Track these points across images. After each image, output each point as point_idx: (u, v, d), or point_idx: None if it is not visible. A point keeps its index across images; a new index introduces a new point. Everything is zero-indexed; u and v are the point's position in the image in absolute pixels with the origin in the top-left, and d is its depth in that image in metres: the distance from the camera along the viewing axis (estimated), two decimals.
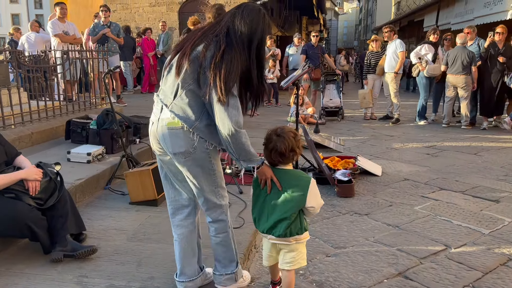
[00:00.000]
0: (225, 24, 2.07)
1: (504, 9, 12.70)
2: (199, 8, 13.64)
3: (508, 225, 3.51)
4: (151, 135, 2.22)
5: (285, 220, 2.16)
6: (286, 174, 2.23)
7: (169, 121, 2.09)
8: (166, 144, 2.13)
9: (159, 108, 2.16)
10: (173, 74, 2.08)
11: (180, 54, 2.07)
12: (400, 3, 35.56)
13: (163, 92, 2.15)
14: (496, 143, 6.55)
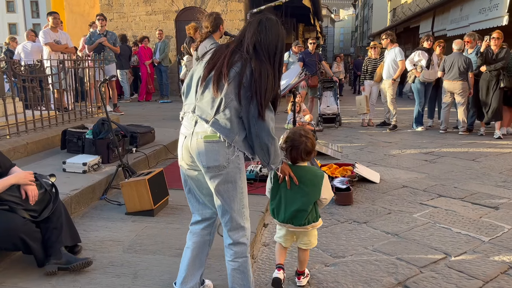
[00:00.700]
0: (251, 41, 2.14)
1: (500, 15, 12.77)
2: (196, 16, 13.66)
3: (508, 232, 3.48)
4: (183, 148, 2.25)
5: (304, 212, 2.51)
6: (303, 170, 2.53)
7: (205, 134, 2.13)
8: (200, 157, 2.16)
9: (192, 123, 2.19)
10: (212, 92, 2.13)
11: (216, 72, 2.13)
12: (396, 9, 35.83)
13: (199, 109, 2.18)
14: (493, 149, 6.54)
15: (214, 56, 2.20)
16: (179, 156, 2.31)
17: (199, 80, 2.20)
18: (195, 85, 2.23)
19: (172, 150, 5.84)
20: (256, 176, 4.62)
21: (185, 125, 2.25)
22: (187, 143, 2.21)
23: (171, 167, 5.20)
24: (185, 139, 2.23)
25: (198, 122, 2.16)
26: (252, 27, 2.17)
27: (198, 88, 2.20)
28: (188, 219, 3.63)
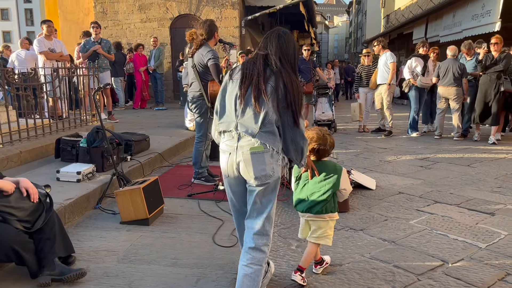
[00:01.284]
0: (276, 55, 2.31)
1: (492, 21, 12.88)
2: (190, 23, 13.69)
3: (505, 238, 3.47)
4: (228, 165, 2.36)
5: (323, 201, 2.75)
6: (324, 163, 2.83)
7: (251, 146, 2.27)
8: (248, 168, 2.29)
9: (235, 139, 2.32)
10: (253, 108, 2.27)
11: (255, 89, 2.27)
12: (389, 16, 36.07)
13: (242, 125, 2.31)
14: (488, 154, 6.56)
15: (247, 74, 2.32)
16: (224, 173, 2.43)
17: (236, 99, 2.32)
18: (232, 104, 2.34)
19: (167, 158, 5.82)
20: None
21: (227, 143, 2.37)
22: (232, 159, 2.33)
23: (166, 175, 5.18)
24: (230, 156, 2.35)
25: (242, 137, 2.30)
26: (274, 41, 2.33)
27: (238, 106, 2.32)
28: (182, 228, 3.63)
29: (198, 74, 4.68)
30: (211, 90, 4.57)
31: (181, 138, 6.66)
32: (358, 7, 56.29)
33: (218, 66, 4.55)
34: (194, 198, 4.34)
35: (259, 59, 2.33)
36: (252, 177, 2.29)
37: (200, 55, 4.63)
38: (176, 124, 8.09)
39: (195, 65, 4.71)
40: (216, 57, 4.53)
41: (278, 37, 2.34)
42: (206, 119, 4.73)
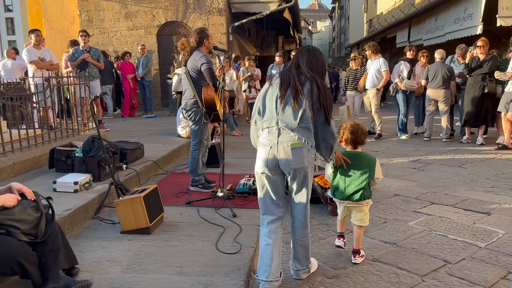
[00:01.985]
0: (307, 65, 2.76)
1: (474, 24, 13.13)
2: (177, 30, 13.69)
3: (503, 237, 3.54)
4: (269, 156, 2.69)
5: (362, 189, 3.09)
6: (360, 155, 3.18)
7: (291, 142, 2.65)
8: (288, 161, 2.65)
9: (275, 134, 2.68)
10: (292, 106, 2.66)
11: (293, 91, 2.67)
12: (372, 20, 36.54)
13: (282, 121, 2.68)
14: (478, 155, 6.68)
15: (284, 79, 2.74)
16: (260, 164, 2.74)
17: (277, 99, 2.70)
18: (273, 104, 2.72)
19: (161, 166, 5.79)
20: (249, 190, 4.60)
21: (267, 138, 2.71)
22: (273, 151, 2.68)
23: (162, 183, 5.15)
24: (270, 149, 2.68)
25: (282, 132, 2.66)
26: (305, 55, 2.79)
27: (278, 105, 2.70)
28: (184, 236, 3.61)
29: (191, 80, 4.68)
30: (205, 95, 4.57)
31: (174, 145, 6.63)
32: (341, 12, 56.90)
33: (212, 70, 4.56)
34: (193, 205, 4.32)
35: (293, 69, 2.77)
36: (292, 169, 2.66)
37: (193, 60, 4.64)
38: (167, 131, 8.05)
39: (188, 71, 4.71)
40: (209, 62, 4.54)
41: (308, 51, 2.82)
42: (201, 126, 4.72)
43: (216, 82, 4.55)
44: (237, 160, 6.44)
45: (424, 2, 21.53)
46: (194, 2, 13.41)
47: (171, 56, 13.79)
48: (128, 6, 13.60)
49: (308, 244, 2.90)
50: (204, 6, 13.42)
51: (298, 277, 2.93)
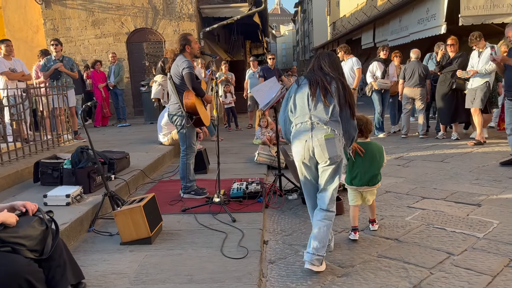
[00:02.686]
0: (329, 67, 3.13)
1: (438, 24, 13.59)
2: (147, 37, 13.51)
3: (498, 227, 3.66)
4: (304, 150, 3.05)
5: (377, 175, 3.58)
6: (370, 144, 3.57)
7: (325, 133, 2.99)
8: (323, 151, 3.00)
9: (309, 128, 3.03)
10: (323, 102, 3.02)
11: (322, 89, 3.03)
12: (336, 23, 37.23)
13: (315, 116, 3.03)
14: (456, 150, 6.90)
15: (312, 80, 3.09)
16: (298, 156, 3.11)
17: (308, 97, 3.05)
18: (305, 101, 3.07)
19: (148, 174, 5.68)
20: (244, 194, 4.57)
21: (302, 132, 3.06)
22: (309, 144, 3.02)
23: (153, 191, 5.03)
24: (306, 142, 3.03)
25: (315, 126, 3.01)
26: (326, 58, 3.17)
27: (310, 102, 3.05)
28: (187, 244, 3.55)
29: (175, 85, 4.65)
30: (186, 99, 4.54)
31: (158, 153, 6.51)
32: (304, 15, 57.69)
33: (192, 75, 4.53)
34: (189, 212, 4.25)
35: (317, 71, 3.14)
36: (326, 158, 3.00)
37: (175, 65, 4.62)
38: (147, 139, 7.91)
39: (171, 77, 4.68)
40: (190, 67, 4.51)
41: (328, 56, 3.21)
42: (188, 131, 4.68)
43: (196, 86, 4.53)
44: (222, 165, 6.37)
45: (386, 4, 22.16)
46: (163, 8, 13.28)
47: (141, 63, 13.59)
48: (95, 13, 13.31)
49: (330, 226, 3.13)
50: (174, 12, 13.30)
51: (310, 262, 3.00)
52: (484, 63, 6.90)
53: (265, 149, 6.58)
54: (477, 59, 7.09)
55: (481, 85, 7.01)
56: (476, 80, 7.06)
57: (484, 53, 6.95)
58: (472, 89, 7.12)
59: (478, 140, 7.19)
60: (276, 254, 3.42)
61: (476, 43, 7.10)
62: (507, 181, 4.96)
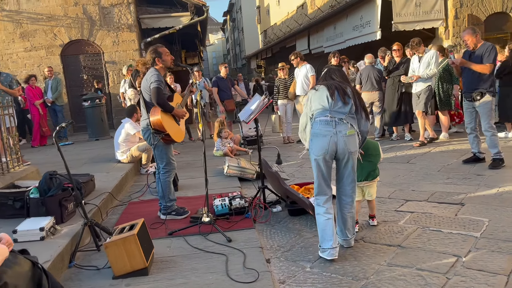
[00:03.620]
0: (341, 77, 3.58)
1: (373, 30, 14.18)
2: (84, 49, 12.77)
3: (490, 225, 3.77)
4: (329, 145, 3.31)
5: (375, 170, 3.84)
6: (366, 142, 3.69)
7: (348, 130, 3.34)
8: (346, 146, 3.32)
9: (332, 125, 3.33)
10: (342, 102, 3.38)
11: (341, 91, 3.41)
12: (267, 31, 37.82)
13: (335, 113, 3.36)
14: (415, 150, 7.16)
15: (329, 84, 3.47)
16: (321, 152, 3.32)
17: (327, 97, 3.39)
18: (325, 100, 3.39)
19: (116, 196, 5.27)
20: (230, 210, 4.36)
21: (325, 129, 3.34)
22: (333, 139, 3.31)
23: (126, 215, 4.67)
24: (331, 138, 3.31)
25: (338, 123, 3.32)
26: (337, 71, 3.63)
27: (330, 101, 3.38)
28: (188, 271, 3.29)
29: (144, 101, 4.39)
30: (151, 116, 4.28)
31: (120, 172, 6.08)
32: (233, 24, 58.03)
33: (160, 90, 4.25)
34: (177, 235, 3.96)
35: (330, 79, 3.55)
36: (349, 153, 3.33)
37: (145, 80, 4.36)
38: (101, 158, 7.39)
39: (141, 92, 4.42)
40: (159, 81, 4.25)
41: (338, 69, 3.73)
42: (165, 147, 4.40)
43: (161, 102, 4.25)
44: (191, 181, 6.12)
45: (317, 12, 22.87)
46: (100, 18, 12.65)
47: (79, 77, 12.83)
48: (24, 25, 12.38)
49: (355, 214, 3.58)
50: (112, 22, 12.72)
51: (350, 245, 3.55)
52: (424, 68, 7.27)
53: (234, 161, 6.38)
54: (417, 64, 7.44)
55: (423, 89, 7.35)
56: (419, 84, 7.40)
57: (424, 58, 7.32)
58: (416, 93, 7.46)
59: (421, 141, 7.50)
60: (284, 273, 3.26)
61: (416, 48, 7.45)
62: (476, 178, 5.18)
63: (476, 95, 5.49)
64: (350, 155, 3.36)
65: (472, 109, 5.68)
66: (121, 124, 6.85)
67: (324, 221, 3.38)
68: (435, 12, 13.34)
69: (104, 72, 12.91)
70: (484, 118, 5.54)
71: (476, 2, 13.01)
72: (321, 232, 3.41)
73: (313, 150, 3.40)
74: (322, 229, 3.39)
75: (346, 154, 3.34)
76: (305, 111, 3.58)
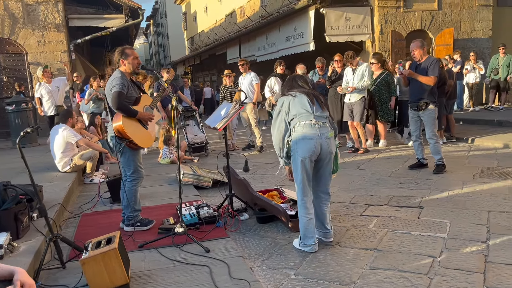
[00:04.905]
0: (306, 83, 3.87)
1: (306, 41, 14.67)
2: (5, 48, 11.72)
3: (452, 226, 4.02)
4: (315, 146, 3.51)
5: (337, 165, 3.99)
6: None
7: (330, 133, 3.61)
8: (328, 147, 3.58)
9: (316, 127, 3.54)
10: (321, 107, 3.67)
11: (318, 99, 3.71)
12: (194, 38, 37.48)
13: (318, 117, 3.59)
14: (360, 157, 7.46)
15: (308, 92, 3.73)
16: (308, 153, 3.50)
17: (308, 102, 3.62)
18: (307, 105, 3.60)
19: (66, 206, 4.86)
20: (200, 219, 4.21)
21: (311, 131, 3.52)
22: (319, 141, 3.52)
23: (83, 228, 4.33)
24: (316, 140, 3.51)
25: (321, 126, 3.55)
26: (302, 79, 3.94)
27: (311, 106, 3.61)
28: (171, 285, 3.10)
29: (108, 106, 4.14)
30: (113, 122, 4.06)
31: (66, 182, 5.61)
32: (157, 29, 56.85)
33: (121, 94, 4.03)
34: (148, 248, 3.73)
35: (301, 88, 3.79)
36: (331, 153, 3.62)
37: (108, 84, 4.11)
38: (38, 166, 6.78)
39: (105, 96, 4.17)
40: (121, 84, 4.03)
41: (303, 77, 4.03)
42: (132, 153, 4.16)
43: (121, 107, 4.04)
44: (143, 190, 5.80)
45: (247, 22, 23.15)
46: (23, 16, 11.71)
47: None
48: None
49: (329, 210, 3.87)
50: (37, 20, 11.84)
51: (330, 238, 3.79)
52: (359, 80, 7.68)
53: (188, 169, 6.19)
54: (351, 75, 7.84)
55: (358, 100, 7.78)
56: (353, 95, 7.81)
57: (357, 70, 7.73)
58: (350, 103, 7.85)
59: (365, 148, 7.90)
60: (271, 282, 3.20)
61: (351, 61, 7.87)
62: (426, 183, 5.52)
63: (421, 104, 5.87)
64: (331, 156, 3.64)
65: (417, 118, 6.06)
66: (54, 130, 6.31)
67: (308, 221, 3.61)
68: (363, 27, 14.12)
69: (27, 74, 11.94)
70: (428, 126, 5.94)
71: (399, 20, 13.98)
72: (304, 231, 3.63)
73: (299, 152, 3.52)
74: (305, 228, 3.62)
75: (328, 155, 3.60)
76: (281, 118, 3.67)
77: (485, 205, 4.53)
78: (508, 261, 3.26)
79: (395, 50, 14.07)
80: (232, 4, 26.23)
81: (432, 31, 14.19)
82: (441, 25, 14.28)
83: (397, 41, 14.19)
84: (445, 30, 14.34)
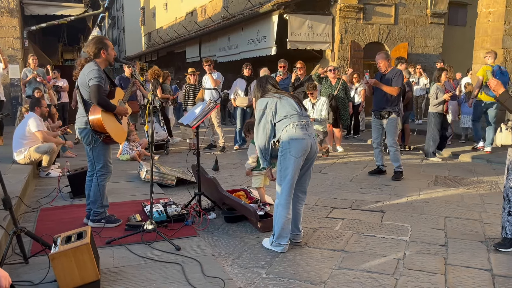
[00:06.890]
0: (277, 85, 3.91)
1: (268, 46, 14.81)
2: None
3: (413, 230, 4.21)
4: (306, 146, 3.58)
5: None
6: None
7: (314, 133, 3.74)
8: (316, 147, 3.69)
9: (305, 127, 3.62)
10: (303, 109, 3.74)
11: (299, 101, 3.80)
12: (151, 34, 36.81)
13: (305, 117, 3.69)
14: (322, 161, 7.62)
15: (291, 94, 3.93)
16: (300, 153, 3.55)
17: (295, 104, 3.69)
18: (295, 106, 3.66)
19: (23, 200, 4.64)
20: (168, 217, 4.15)
21: (302, 131, 3.58)
22: (309, 141, 3.60)
23: (43, 223, 4.15)
24: (307, 140, 3.58)
25: (309, 126, 3.66)
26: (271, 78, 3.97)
27: (298, 107, 3.69)
28: (144, 282, 3.09)
29: (81, 98, 4.00)
30: (91, 116, 3.94)
31: (21, 175, 5.34)
32: (113, 22, 55.29)
33: (99, 87, 3.92)
34: (116, 244, 3.64)
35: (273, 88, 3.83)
36: (315, 153, 3.71)
37: (82, 75, 3.97)
38: None
39: (78, 88, 4.01)
40: (99, 77, 3.91)
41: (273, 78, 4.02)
42: (103, 147, 4.05)
43: (102, 102, 3.93)
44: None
45: (208, 21, 23.06)
46: None
47: None
48: None
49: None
50: None
51: (299, 240, 3.87)
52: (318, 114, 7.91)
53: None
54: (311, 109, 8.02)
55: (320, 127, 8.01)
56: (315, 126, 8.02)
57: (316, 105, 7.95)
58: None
59: (327, 148, 8.16)
60: (243, 281, 3.21)
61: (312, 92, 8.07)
62: (385, 188, 5.74)
63: (384, 113, 6.11)
64: (316, 155, 3.74)
65: (380, 126, 6.30)
66: (25, 118, 6.06)
67: (287, 221, 3.64)
68: (324, 35, 14.46)
69: None
70: (390, 134, 6.19)
71: (358, 31, 14.45)
72: (280, 231, 3.65)
73: (292, 151, 3.55)
74: (282, 227, 3.64)
75: (315, 154, 3.71)
76: (266, 119, 3.64)
77: (442, 211, 4.79)
78: (466, 264, 3.47)
79: (353, 59, 14.51)
80: (193, 2, 26.04)
81: (388, 44, 14.77)
82: (397, 39, 14.90)
83: (355, 51, 14.63)
84: (400, 44, 14.97)
